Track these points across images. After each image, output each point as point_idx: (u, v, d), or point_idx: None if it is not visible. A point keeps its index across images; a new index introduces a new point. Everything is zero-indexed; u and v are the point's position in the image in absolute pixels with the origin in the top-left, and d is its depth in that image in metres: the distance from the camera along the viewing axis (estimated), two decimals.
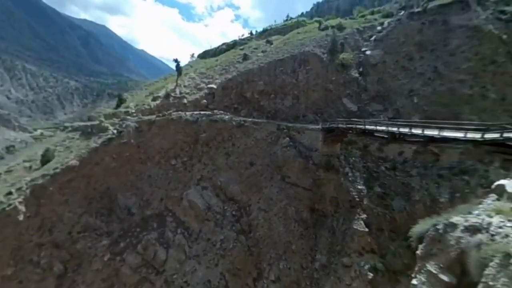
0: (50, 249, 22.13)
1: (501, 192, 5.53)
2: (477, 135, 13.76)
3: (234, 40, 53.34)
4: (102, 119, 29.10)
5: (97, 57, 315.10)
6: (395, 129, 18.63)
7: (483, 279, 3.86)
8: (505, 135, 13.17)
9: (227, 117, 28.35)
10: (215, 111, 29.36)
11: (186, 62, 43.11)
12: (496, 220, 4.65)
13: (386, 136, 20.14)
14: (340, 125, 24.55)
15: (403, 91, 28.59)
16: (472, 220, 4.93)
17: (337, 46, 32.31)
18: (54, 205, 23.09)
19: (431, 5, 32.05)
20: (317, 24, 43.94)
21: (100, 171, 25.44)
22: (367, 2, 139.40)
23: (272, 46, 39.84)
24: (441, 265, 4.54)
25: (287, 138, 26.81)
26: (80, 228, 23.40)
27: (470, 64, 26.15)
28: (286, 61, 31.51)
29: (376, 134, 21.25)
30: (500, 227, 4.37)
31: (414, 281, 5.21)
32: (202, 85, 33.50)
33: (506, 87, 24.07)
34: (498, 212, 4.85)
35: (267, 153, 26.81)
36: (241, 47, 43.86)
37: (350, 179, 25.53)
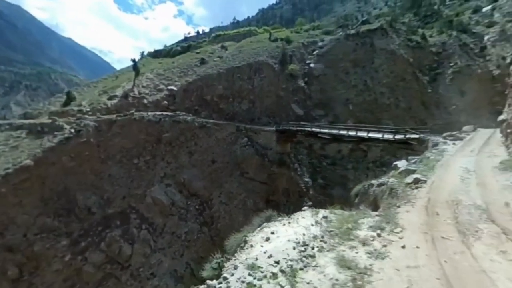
0: (3, 253, 20.97)
1: (395, 167, 9.66)
2: (390, 136, 18.90)
3: (189, 43, 54.48)
4: (55, 117, 27.90)
5: (9, 42, 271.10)
6: (335, 131, 23.33)
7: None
8: (407, 136, 18.54)
9: (189, 118, 30.13)
10: (177, 112, 30.81)
11: (132, 58, 42.50)
12: (391, 179, 8.57)
13: (328, 137, 24.87)
14: (291, 128, 28.74)
15: (341, 100, 34.35)
16: (380, 181, 8.78)
17: (287, 58, 36.77)
18: (6, 207, 21.83)
19: (362, 28, 38.89)
20: (267, 35, 48.16)
21: (57, 171, 24.73)
22: (307, 13, 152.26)
23: (227, 52, 42.54)
24: (366, 206, 8.09)
25: (246, 138, 29.94)
26: (36, 230, 22.57)
27: (388, 80, 33.06)
28: (243, 68, 34.65)
29: (320, 135, 25.89)
30: (392, 182, 8.24)
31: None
32: (162, 86, 34.41)
33: (412, 99, 31.34)
34: (392, 176, 8.83)
35: (228, 152, 29.51)
36: (197, 51, 45.50)
37: (298, 173, 29.93)
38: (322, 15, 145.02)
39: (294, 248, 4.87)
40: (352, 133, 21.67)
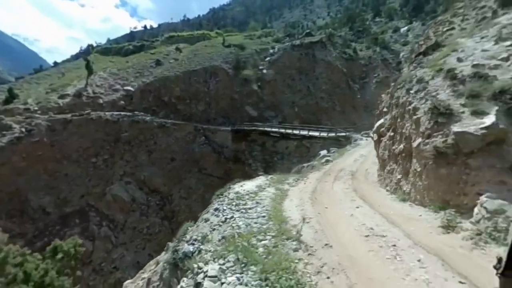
0: None
1: (319, 155, 13.74)
2: (325, 134, 23.44)
3: (141, 42, 54.15)
4: (2, 116, 26.54)
5: None
6: (283, 130, 27.35)
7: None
8: (337, 134, 23.25)
9: (148, 118, 31.34)
10: (135, 112, 31.71)
11: (74, 53, 41.29)
12: (314, 162, 12.61)
13: (278, 135, 28.84)
14: (245, 127, 32.10)
15: (288, 103, 38.90)
16: (308, 163, 12.75)
17: (241, 63, 40.05)
18: None
19: (306, 40, 44.19)
20: (221, 39, 50.79)
21: (7, 171, 23.96)
22: (259, 16, 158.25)
23: (182, 54, 44.09)
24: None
25: (203, 137, 32.36)
26: None
27: (327, 86, 38.69)
28: (199, 72, 36.90)
29: (271, 134, 29.77)
30: (313, 163, 12.26)
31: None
32: (118, 86, 34.68)
33: (345, 103, 37.35)
34: (316, 160, 12.90)
35: (187, 150, 31.57)
36: (152, 52, 46.03)
37: (253, 168, 33.40)
38: (273, 19, 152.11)
39: (255, 187, 9.01)
40: (296, 131, 25.88)
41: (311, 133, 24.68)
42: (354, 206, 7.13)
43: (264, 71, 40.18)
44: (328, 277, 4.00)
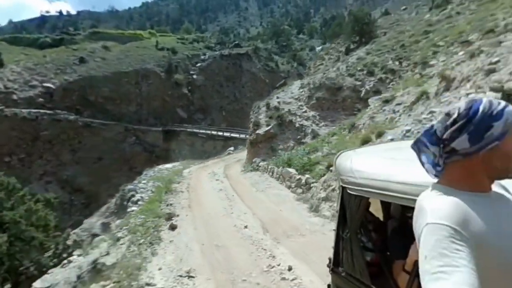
0: None
1: (229, 151, 18.07)
2: (243, 136, 27.91)
3: (61, 36, 50.42)
4: None
5: None
6: (209, 132, 30.95)
7: None
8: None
9: (72, 117, 30.96)
10: (56, 111, 30.89)
11: None
12: (226, 156, 16.79)
13: (205, 136, 32.29)
14: (176, 128, 34.61)
15: (217, 107, 42.70)
16: (222, 157, 16.85)
17: (173, 67, 42.12)
18: None
19: (234, 51, 48.79)
20: (154, 41, 51.48)
21: None
22: (194, 16, 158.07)
23: (111, 53, 43.58)
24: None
25: (134, 137, 33.56)
26: None
27: (251, 94, 43.91)
28: (131, 74, 37.68)
29: (199, 135, 33.04)
30: (224, 156, 16.42)
31: None
32: (35, 82, 32.86)
33: None
34: (227, 154, 17.20)
35: (116, 150, 32.32)
36: (74, 47, 43.93)
37: None
38: (208, 21, 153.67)
39: (171, 166, 12.80)
40: (220, 133, 29.81)
41: (233, 134, 28.94)
42: (220, 173, 12.44)
43: (195, 76, 43.13)
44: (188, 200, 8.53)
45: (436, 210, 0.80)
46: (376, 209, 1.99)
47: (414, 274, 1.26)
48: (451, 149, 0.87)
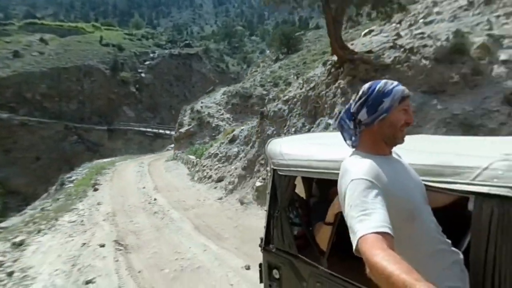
0: None
1: (168, 148, 19.98)
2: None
3: None
4: None
5: None
6: (156, 130, 31.86)
7: None
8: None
9: (5, 115, 29.26)
10: None
11: None
12: (164, 152, 18.59)
13: (152, 134, 33.09)
14: (122, 127, 34.67)
15: (166, 106, 43.25)
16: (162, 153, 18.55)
17: (118, 65, 41.50)
18: None
19: (184, 51, 49.54)
20: (97, 35, 49.63)
21: None
22: (145, 10, 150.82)
23: (49, 47, 41.25)
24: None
25: (76, 136, 32.80)
26: None
27: (201, 94, 45.25)
28: (71, 70, 36.36)
29: (147, 134, 33.67)
30: (162, 152, 18.22)
31: None
32: None
33: None
34: (167, 150, 19.01)
35: (56, 149, 31.33)
36: (7, 40, 40.59)
37: None
38: (161, 16, 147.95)
39: (110, 160, 14.09)
40: (168, 132, 30.97)
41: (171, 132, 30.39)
42: (147, 163, 14.81)
43: (143, 74, 43.08)
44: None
45: (357, 169, 1.00)
46: (300, 191, 2.23)
47: (336, 224, 1.52)
48: (358, 120, 1.12)
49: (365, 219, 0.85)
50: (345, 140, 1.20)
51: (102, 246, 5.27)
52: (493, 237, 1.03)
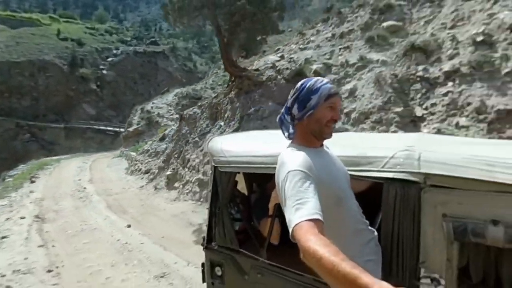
0: None
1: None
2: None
3: None
4: None
5: None
6: (118, 129, 31.14)
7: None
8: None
9: None
10: None
11: None
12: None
13: (113, 133, 32.29)
14: (81, 125, 33.40)
15: (130, 104, 42.06)
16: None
17: (78, 60, 39.73)
18: None
19: (149, 49, 48.57)
20: (55, 29, 46.90)
21: None
22: (110, 2, 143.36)
23: None
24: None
25: (28, 134, 31.03)
26: None
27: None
28: (24, 65, 34.22)
29: (108, 133, 32.78)
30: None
31: None
32: None
33: None
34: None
35: (5, 147, 29.40)
36: None
37: None
38: (128, 10, 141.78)
39: (56, 157, 13.76)
40: (117, 129, 30.45)
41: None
42: (92, 159, 15.17)
43: (105, 71, 41.65)
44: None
45: (292, 161, 1.06)
46: (241, 188, 2.29)
47: (274, 214, 1.62)
48: (292, 115, 1.19)
49: (300, 208, 0.91)
50: (283, 133, 1.28)
51: (23, 218, 6.54)
52: (397, 215, 1.19)
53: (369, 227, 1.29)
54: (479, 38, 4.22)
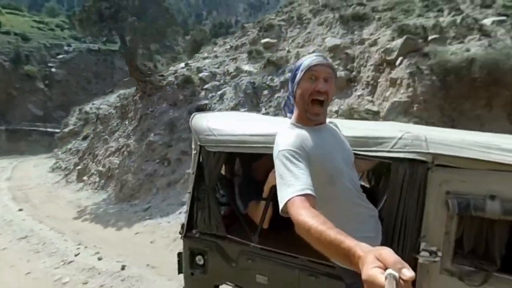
0: None
1: None
2: None
3: None
4: None
5: None
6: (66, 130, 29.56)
7: None
8: None
9: None
10: None
11: None
12: None
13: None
14: (25, 127, 31.12)
15: (82, 104, 40.09)
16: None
17: (22, 57, 36.89)
18: None
19: (104, 47, 46.46)
20: None
21: None
22: None
23: None
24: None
25: None
26: None
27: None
28: None
29: (56, 135, 30.90)
30: None
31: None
32: None
33: None
34: None
35: None
36: None
37: None
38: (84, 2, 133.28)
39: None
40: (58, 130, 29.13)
41: None
42: (22, 160, 14.74)
43: (54, 69, 39.17)
44: None
45: (283, 141, 1.10)
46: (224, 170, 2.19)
47: (270, 198, 1.57)
48: (291, 92, 1.23)
49: (292, 185, 0.95)
50: (286, 114, 1.33)
51: None
52: (404, 193, 1.23)
53: (369, 205, 1.30)
54: None
